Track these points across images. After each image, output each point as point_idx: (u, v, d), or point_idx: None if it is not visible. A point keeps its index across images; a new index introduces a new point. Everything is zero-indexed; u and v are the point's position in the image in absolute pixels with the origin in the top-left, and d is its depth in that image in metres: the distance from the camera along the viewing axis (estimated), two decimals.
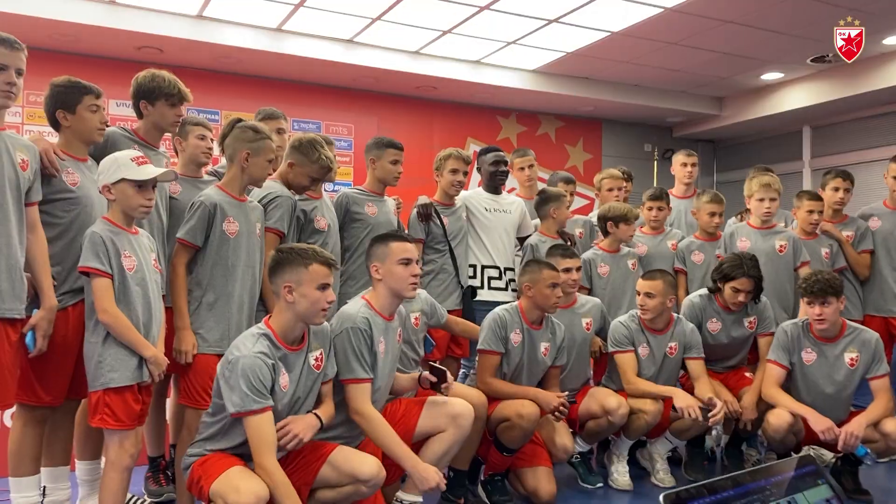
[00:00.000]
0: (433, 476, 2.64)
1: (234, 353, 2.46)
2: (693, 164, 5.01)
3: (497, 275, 4.25)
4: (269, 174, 3.16)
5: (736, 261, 3.84)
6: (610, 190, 4.76)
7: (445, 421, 2.94)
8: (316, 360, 2.65)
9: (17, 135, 2.69)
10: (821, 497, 1.41)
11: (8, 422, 3.41)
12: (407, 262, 2.90)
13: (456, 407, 2.97)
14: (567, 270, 3.73)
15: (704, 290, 4.01)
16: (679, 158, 5.07)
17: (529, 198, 4.67)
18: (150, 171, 2.63)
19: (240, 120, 3.13)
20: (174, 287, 2.92)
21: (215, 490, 2.36)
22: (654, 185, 8.55)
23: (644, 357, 3.80)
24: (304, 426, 2.57)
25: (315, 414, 2.66)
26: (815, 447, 3.99)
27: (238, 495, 2.29)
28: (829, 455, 4.09)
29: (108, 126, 3.01)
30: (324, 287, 2.54)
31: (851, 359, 3.57)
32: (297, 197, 3.42)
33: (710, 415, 3.54)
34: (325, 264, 2.56)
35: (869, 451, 3.43)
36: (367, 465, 2.59)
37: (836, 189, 4.53)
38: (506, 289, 4.22)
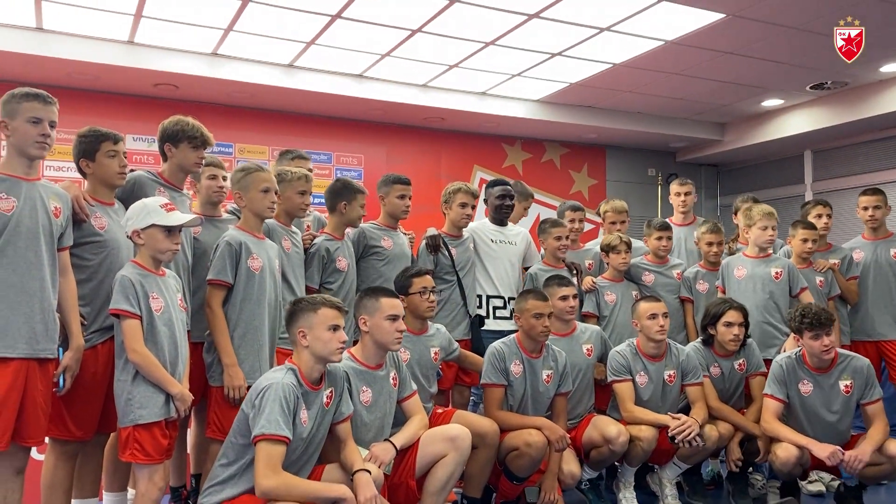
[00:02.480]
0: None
1: (265, 383, 2.61)
2: (687, 193, 5.04)
3: (502, 304, 4.35)
4: (273, 203, 3.25)
5: (717, 300, 4.02)
6: (613, 223, 4.81)
7: (444, 445, 3.03)
8: (327, 397, 2.79)
9: (50, 183, 2.84)
10: None
11: (36, 455, 3.52)
12: (394, 318, 3.02)
13: (452, 430, 3.07)
14: (563, 298, 3.81)
15: (699, 342, 4.06)
16: (673, 188, 5.13)
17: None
18: (178, 218, 2.80)
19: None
20: (214, 327, 3.08)
21: None
22: (659, 209, 8.69)
23: (643, 385, 3.84)
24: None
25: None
26: (820, 472, 4.06)
27: None
28: (833, 479, 4.16)
29: (127, 170, 3.14)
30: (334, 328, 2.71)
31: (846, 386, 3.62)
32: (322, 237, 3.70)
33: (673, 431, 3.58)
34: (333, 307, 2.74)
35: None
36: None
37: (819, 216, 4.62)
38: (510, 318, 4.29)
